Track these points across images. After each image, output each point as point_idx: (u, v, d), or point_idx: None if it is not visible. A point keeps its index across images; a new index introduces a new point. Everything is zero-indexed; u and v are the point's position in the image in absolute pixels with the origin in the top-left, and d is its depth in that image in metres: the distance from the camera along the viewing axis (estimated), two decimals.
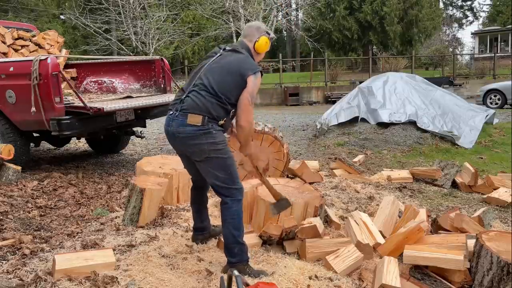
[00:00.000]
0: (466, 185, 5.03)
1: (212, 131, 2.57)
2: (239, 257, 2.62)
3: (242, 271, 2.47)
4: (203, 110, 2.56)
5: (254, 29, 2.77)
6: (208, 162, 2.61)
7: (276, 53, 32.03)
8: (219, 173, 2.61)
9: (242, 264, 2.61)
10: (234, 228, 2.60)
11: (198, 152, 2.60)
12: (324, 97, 20.48)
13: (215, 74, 2.64)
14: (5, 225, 3.43)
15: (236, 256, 2.62)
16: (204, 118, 2.55)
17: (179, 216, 3.74)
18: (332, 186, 4.83)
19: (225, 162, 2.61)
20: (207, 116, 2.55)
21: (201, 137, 2.55)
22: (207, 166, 2.63)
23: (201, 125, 2.55)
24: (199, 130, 2.55)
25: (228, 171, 2.62)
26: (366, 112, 8.23)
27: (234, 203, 2.62)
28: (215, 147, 2.57)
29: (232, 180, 2.63)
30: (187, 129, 2.56)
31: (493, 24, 38.08)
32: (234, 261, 2.61)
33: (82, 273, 2.53)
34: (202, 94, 2.59)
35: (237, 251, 2.62)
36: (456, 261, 2.59)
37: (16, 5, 27.38)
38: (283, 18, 25.00)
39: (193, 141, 2.57)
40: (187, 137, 2.58)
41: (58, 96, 4.73)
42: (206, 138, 2.55)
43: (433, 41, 34.95)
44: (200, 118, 2.54)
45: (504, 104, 13.51)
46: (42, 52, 6.63)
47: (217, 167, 2.61)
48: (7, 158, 4.71)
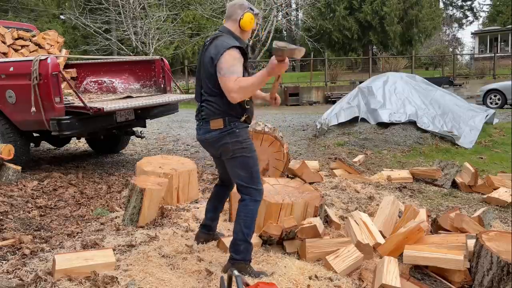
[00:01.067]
0: (466, 185, 5.03)
1: (236, 130, 2.63)
2: (243, 255, 2.64)
3: (243, 270, 2.53)
4: (221, 113, 2.62)
5: (237, 7, 2.70)
6: (233, 160, 2.68)
7: None
8: (241, 171, 2.68)
9: (244, 263, 2.63)
10: (245, 226, 2.64)
11: (225, 152, 2.68)
12: (324, 97, 20.48)
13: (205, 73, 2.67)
14: (5, 225, 3.43)
15: (240, 253, 2.64)
16: (225, 120, 2.62)
17: (179, 216, 3.74)
18: (332, 186, 4.84)
19: (248, 161, 2.67)
20: (227, 117, 2.62)
21: (226, 137, 2.63)
22: (232, 164, 2.71)
23: (224, 127, 2.63)
24: (223, 132, 2.63)
25: (250, 170, 2.68)
26: (366, 112, 8.23)
27: (252, 202, 2.67)
28: (239, 145, 2.65)
29: (252, 180, 2.68)
30: (213, 134, 2.66)
31: (493, 24, 38.07)
32: (238, 258, 2.64)
33: (82, 273, 2.53)
34: (212, 100, 2.64)
35: (243, 249, 2.64)
36: (456, 261, 2.59)
37: (16, 5, 27.38)
38: (283, 18, 24.99)
39: (220, 143, 2.66)
40: (214, 141, 2.67)
41: (58, 96, 4.73)
42: (231, 137, 2.63)
43: (433, 41, 34.96)
44: (221, 121, 2.62)
45: (504, 104, 13.51)
46: (42, 52, 6.62)
47: (240, 166, 2.68)
48: (7, 158, 4.71)
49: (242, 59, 2.59)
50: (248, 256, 2.67)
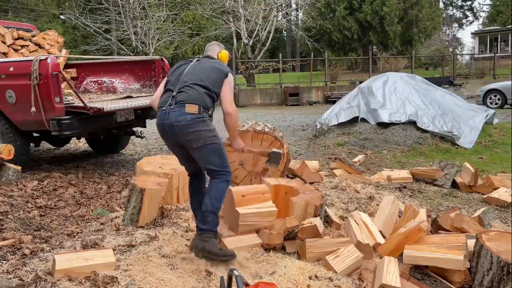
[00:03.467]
0: (466, 185, 5.03)
1: (207, 120, 2.89)
2: (209, 226, 2.83)
3: (208, 239, 2.77)
4: (198, 100, 2.87)
5: (215, 45, 3.29)
6: (204, 147, 2.87)
7: (276, 53, 32.08)
8: (213, 157, 2.90)
9: (209, 233, 2.82)
10: (215, 200, 2.87)
11: (196, 139, 2.85)
12: (324, 97, 20.48)
13: (200, 72, 3.00)
14: (5, 225, 3.43)
15: (207, 224, 2.83)
16: (199, 107, 2.85)
17: (179, 216, 3.74)
18: (332, 186, 4.83)
19: (218, 147, 2.92)
20: (202, 106, 2.86)
21: (199, 124, 2.84)
22: (204, 152, 2.90)
23: (198, 113, 2.84)
24: (197, 118, 2.84)
25: (221, 154, 2.94)
26: (366, 112, 8.23)
27: (224, 182, 2.92)
28: (211, 133, 2.88)
29: (223, 163, 2.93)
30: (187, 117, 2.83)
31: (493, 24, 38.07)
32: (204, 228, 2.82)
33: (82, 273, 2.53)
34: (194, 88, 2.92)
35: (210, 220, 2.83)
36: (456, 261, 2.59)
37: (16, 5, 27.39)
38: (283, 18, 24.98)
39: (192, 129, 2.83)
40: (186, 125, 2.83)
41: (58, 96, 4.73)
42: (203, 125, 2.85)
43: (433, 41, 34.95)
44: (197, 107, 2.85)
45: (504, 104, 13.51)
46: (42, 52, 6.63)
47: (212, 152, 2.90)
48: (7, 158, 4.71)
49: None
50: (214, 228, 2.86)
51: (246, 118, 11.79)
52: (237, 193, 3.30)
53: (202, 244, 2.75)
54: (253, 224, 3.22)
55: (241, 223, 3.16)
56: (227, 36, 26.57)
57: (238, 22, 22.88)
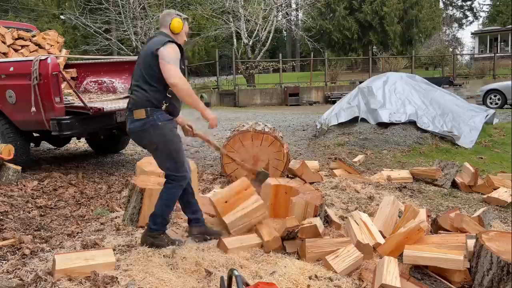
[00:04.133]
0: (466, 185, 5.03)
1: (158, 123, 2.85)
2: (159, 227, 3.00)
3: (157, 237, 2.96)
4: (143, 103, 2.85)
5: (166, 15, 3.03)
6: (158, 151, 2.94)
7: (276, 53, 32.08)
8: (165, 161, 2.96)
9: (158, 233, 2.99)
10: (166, 205, 2.99)
11: (150, 144, 2.93)
12: (324, 97, 20.49)
13: (138, 68, 2.97)
14: (5, 225, 3.43)
15: (157, 225, 2.99)
16: (146, 110, 2.84)
17: (179, 216, 3.74)
18: (332, 186, 4.83)
19: (171, 152, 2.92)
20: (148, 108, 2.84)
21: (150, 130, 2.86)
22: (157, 155, 2.97)
23: (146, 118, 2.84)
24: (146, 124, 2.85)
25: (175, 159, 2.94)
26: (366, 112, 8.23)
27: (175, 187, 2.97)
28: (163, 138, 2.87)
29: (176, 168, 2.95)
30: (136, 124, 2.89)
31: (493, 24, 38.09)
32: (154, 228, 2.99)
33: (82, 273, 2.53)
34: (137, 90, 2.90)
35: (159, 221, 2.99)
36: (456, 261, 2.59)
37: (16, 5, 27.40)
38: (283, 18, 24.99)
39: (144, 134, 2.89)
40: (138, 131, 2.91)
41: (58, 96, 4.73)
42: (154, 130, 2.85)
43: (433, 41, 34.95)
44: (143, 111, 2.84)
45: (504, 104, 13.51)
46: (42, 52, 6.62)
47: (163, 156, 2.95)
48: (7, 158, 4.71)
49: (179, 56, 2.89)
50: (163, 228, 3.03)
51: (246, 118, 11.79)
52: (218, 202, 3.28)
53: (150, 240, 2.98)
54: (244, 226, 3.20)
55: (233, 230, 3.16)
56: (227, 36, 26.58)
57: (238, 22, 22.89)
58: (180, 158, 2.96)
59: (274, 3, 22.81)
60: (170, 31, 2.97)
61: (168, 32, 2.98)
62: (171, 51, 2.83)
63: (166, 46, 2.83)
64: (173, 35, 2.98)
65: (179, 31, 2.98)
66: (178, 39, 2.99)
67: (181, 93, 2.82)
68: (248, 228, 3.21)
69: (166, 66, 2.78)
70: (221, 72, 22.80)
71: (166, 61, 2.79)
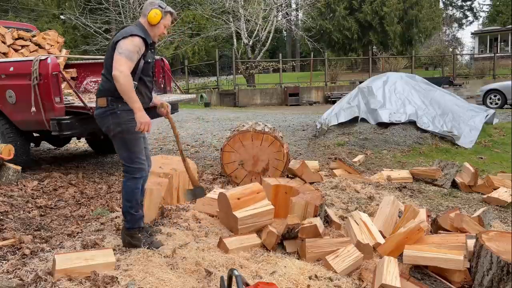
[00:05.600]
0: (466, 185, 5.03)
1: (117, 112, 2.87)
2: (131, 224, 3.00)
3: (133, 235, 2.98)
4: (106, 92, 2.88)
5: (148, 4, 2.97)
6: (115, 140, 2.95)
7: (276, 53, 32.08)
8: (122, 151, 2.96)
9: (133, 230, 3.00)
10: (126, 200, 2.99)
11: (107, 131, 2.94)
12: (324, 97, 20.50)
13: (105, 57, 2.96)
14: (5, 225, 3.43)
15: (128, 223, 3.01)
16: (107, 99, 2.87)
17: (179, 216, 3.74)
18: (332, 186, 4.83)
19: (126, 141, 2.91)
20: (110, 97, 2.86)
21: (108, 117, 2.89)
22: (115, 144, 2.98)
23: (106, 106, 2.88)
24: (106, 111, 2.88)
25: (129, 150, 2.93)
26: (366, 112, 8.23)
27: (130, 179, 2.96)
28: (120, 127, 2.88)
29: (131, 159, 2.94)
30: (98, 111, 2.95)
31: (493, 24, 38.09)
32: (127, 226, 3.02)
33: (82, 273, 2.53)
34: (102, 79, 2.96)
35: (129, 219, 3.00)
36: (456, 261, 2.59)
37: (16, 5, 27.40)
38: (283, 18, 25.00)
39: (103, 121, 2.93)
40: (99, 118, 2.95)
41: (58, 96, 4.73)
42: (112, 118, 2.88)
43: (433, 41, 34.96)
44: (105, 100, 2.88)
45: (504, 104, 13.51)
46: (42, 52, 6.62)
47: (120, 146, 2.95)
48: (7, 158, 4.71)
49: (142, 50, 2.85)
50: (136, 224, 3.01)
51: (246, 118, 11.79)
52: (232, 196, 3.29)
53: (128, 239, 3.00)
54: (252, 225, 3.22)
55: (241, 227, 3.17)
56: (227, 36, 26.58)
57: (238, 22, 22.89)
58: (135, 149, 2.93)
59: (274, 3, 22.81)
60: (146, 20, 2.92)
61: (145, 22, 2.92)
62: (128, 43, 2.78)
63: (127, 38, 2.80)
64: (149, 26, 2.93)
65: (155, 23, 2.91)
66: (153, 31, 2.95)
67: (119, 87, 2.74)
68: (254, 229, 3.22)
69: (116, 56, 2.76)
70: (221, 72, 22.81)
71: (118, 52, 2.76)
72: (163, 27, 2.98)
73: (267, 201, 3.35)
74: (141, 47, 2.84)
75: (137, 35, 2.83)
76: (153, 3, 2.94)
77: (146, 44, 2.89)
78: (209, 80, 25.04)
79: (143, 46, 2.85)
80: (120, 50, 2.77)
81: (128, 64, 2.76)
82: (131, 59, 2.78)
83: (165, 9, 2.95)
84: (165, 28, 3.02)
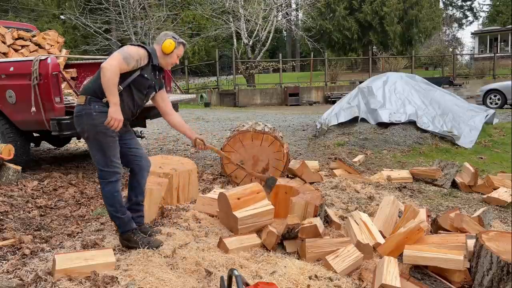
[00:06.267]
0: (466, 185, 5.03)
1: (93, 113, 2.83)
2: (123, 228, 2.99)
3: (129, 239, 2.96)
4: (88, 91, 2.88)
5: (162, 35, 3.11)
6: (88, 142, 2.92)
7: (276, 53, 32.07)
8: (96, 154, 2.91)
9: (127, 233, 2.98)
10: (108, 205, 2.97)
11: (82, 132, 2.91)
12: (324, 97, 20.51)
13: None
14: (5, 225, 3.43)
15: (120, 227, 3.00)
16: (87, 98, 2.85)
17: (179, 216, 3.74)
18: (332, 186, 4.83)
19: (101, 144, 2.86)
20: (89, 96, 2.85)
21: (83, 117, 2.85)
22: (89, 146, 2.95)
23: (84, 105, 2.85)
24: (82, 110, 2.85)
25: (103, 153, 2.87)
26: (366, 112, 8.23)
27: (106, 185, 2.92)
28: (94, 129, 2.84)
29: (105, 163, 2.89)
30: (76, 109, 2.91)
31: (493, 24, 38.10)
32: (120, 231, 3.01)
33: (82, 273, 2.53)
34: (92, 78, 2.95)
35: (118, 223, 2.99)
36: (456, 261, 2.59)
37: (16, 5, 27.41)
38: (283, 18, 25.01)
39: (78, 121, 2.89)
40: (75, 117, 2.92)
41: (58, 96, 4.73)
42: (87, 119, 2.84)
43: (433, 41, 34.98)
44: (84, 98, 2.86)
45: (504, 104, 13.52)
46: (42, 52, 6.62)
47: (95, 148, 2.90)
48: (7, 158, 4.71)
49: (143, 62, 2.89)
50: (127, 227, 2.99)
51: (246, 118, 11.79)
52: (232, 196, 3.29)
53: (125, 243, 2.99)
54: (252, 225, 3.22)
55: (241, 227, 3.17)
56: (227, 36, 26.59)
57: (238, 22, 22.90)
58: (109, 153, 2.88)
59: (274, 3, 22.81)
60: (160, 49, 3.03)
61: (159, 50, 3.04)
62: (132, 48, 2.86)
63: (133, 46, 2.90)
64: (163, 54, 3.04)
65: (169, 52, 3.03)
66: (166, 59, 3.06)
67: (103, 79, 2.72)
68: (254, 229, 3.22)
69: (114, 53, 2.82)
70: (221, 72, 22.81)
71: (118, 51, 2.84)
72: (176, 56, 3.10)
73: (267, 201, 3.35)
74: (143, 58, 2.90)
75: (145, 48, 2.93)
76: (167, 34, 3.09)
77: (150, 62, 2.96)
78: (209, 80, 25.05)
79: (145, 59, 2.91)
80: (120, 50, 2.84)
81: (122, 64, 2.76)
82: (127, 62, 2.79)
83: (178, 40, 3.08)
84: (177, 58, 3.13)
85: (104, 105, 2.82)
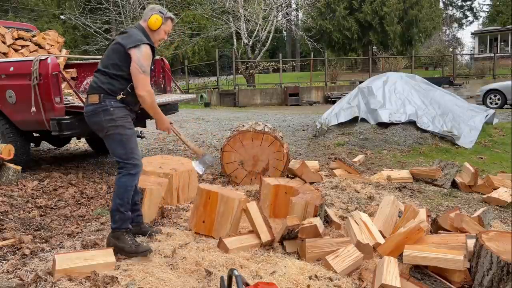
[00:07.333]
0: (466, 185, 5.03)
1: (110, 108, 2.85)
2: (118, 224, 2.90)
3: (120, 237, 2.86)
4: (98, 89, 2.88)
5: (148, 9, 3.03)
6: (108, 138, 2.91)
7: (276, 53, 32.08)
8: (117, 148, 2.90)
9: (119, 231, 2.90)
10: (117, 197, 2.90)
11: (99, 129, 2.92)
12: (324, 97, 20.51)
13: (105, 54, 2.99)
14: (5, 225, 3.43)
15: (116, 223, 2.91)
16: (100, 96, 2.86)
17: (179, 216, 3.75)
18: (332, 186, 4.84)
19: (122, 138, 2.88)
20: (102, 94, 2.86)
21: (100, 114, 2.86)
22: (108, 142, 2.93)
23: (98, 103, 2.86)
24: (98, 108, 2.86)
25: (125, 147, 2.89)
26: (366, 112, 8.23)
27: (125, 176, 2.90)
28: (113, 123, 2.86)
29: (127, 155, 2.90)
30: (89, 108, 2.91)
31: (493, 24, 38.10)
32: (114, 227, 2.92)
33: (82, 273, 2.53)
34: (96, 76, 2.95)
35: (118, 218, 2.90)
36: (456, 261, 2.59)
37: (16, 5, 27.41)
38: (283, 18, 25.01)
39: (94, 119, 2.90)
40: (89, 116, 2.92)
41: (58, 96, 4.73)
42: (104, 115, 2.85)
43: (433, 41, 34.98)
44: (97, 97, 2.87)
45: (504, 104, 13.52)
46: (42, 52, 6.62)
47: (113, 142, 2.91)
48: (7, 158, 4.71)
49: (151, 58, 2.92)
50: (124, 225, 2.91)
51: (246, 118, 11.79)
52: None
53: (113, 241, 2.89)
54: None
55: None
56: (227, 36, 26.58)
57: (238, 22, 22.89)
58: (130, 145, 2.91)
59: (274, 3, 22.81)
60: (147, 25, 2.98)
61: (146, 27, 2.98)
62: (146, 57, 2.85)
63: (142, 48, 2.85)
64: (150, 31, 2.99)
65: (156, 28, 2.98)
66: (154, 36, 3.01)
67: (145, 105, 2.90)
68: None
69: (139, 75, 2.82)
70: (221, 72, 22.81)
71: (141, 69, 2.82)
72: (163, 32, 3.04)
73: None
74: (151, 55, 2.93)
75: (147, 43, 2.90)
76: (153, 9, 3.00)
77: (153, 51, 2.96)
78: (209, 80, 25.04)
79: (151, 55, 2.93)
80: (142, 67, 2.83)
81: (148, 79, 2.87)
82: (148, 73, 2.87)
83: (166, 15, 3.01)
84: (165, 34, 3.07)
85: (118, 101, 2.87)
